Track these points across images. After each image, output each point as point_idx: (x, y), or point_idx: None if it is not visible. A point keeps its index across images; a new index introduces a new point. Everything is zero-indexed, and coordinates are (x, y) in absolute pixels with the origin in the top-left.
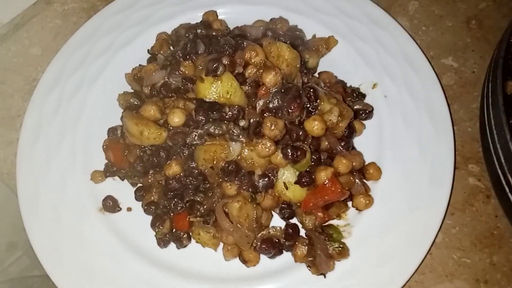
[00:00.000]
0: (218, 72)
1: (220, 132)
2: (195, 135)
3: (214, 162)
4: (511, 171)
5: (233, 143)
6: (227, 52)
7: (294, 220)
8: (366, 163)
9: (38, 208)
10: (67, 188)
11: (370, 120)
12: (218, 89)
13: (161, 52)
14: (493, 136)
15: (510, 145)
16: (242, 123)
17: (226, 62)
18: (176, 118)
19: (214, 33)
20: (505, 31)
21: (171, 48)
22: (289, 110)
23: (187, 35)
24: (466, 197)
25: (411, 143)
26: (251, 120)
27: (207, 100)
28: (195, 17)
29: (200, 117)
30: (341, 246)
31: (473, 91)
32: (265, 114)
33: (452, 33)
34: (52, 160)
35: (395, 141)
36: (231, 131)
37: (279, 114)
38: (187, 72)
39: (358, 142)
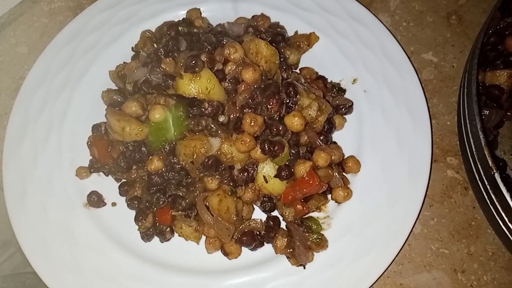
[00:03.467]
0: (197, 69)
1: (200, 127)
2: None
3: (194, 157)
4: (481, 161)
5: (213, 138)
6: (206, 49)
7: (275, 213)
8: (346, 156)
9: (25, 205)
10: (54, 184)
11: (350, 114)
12: (197, 85)
13: (145, 49)
14: (467, 126)
15: (480, 134)
16: (222, 118)
17: (205, 59)
18: (157, 114)
19: (195, 30)
20: (484, 23)
21: (155, 45)
22: (268, 106)
23: (168, 32)
24: (445, 189)
25: (390, 136)
26: (231, 116)
27: (187, 96)
28: (180, 15)
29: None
30: (320, 237)
31: (452, 85)
32: (245, 110)
33: (432, 28)
34: (38, 157)
35: (375, 135)
36: (209, 127)
37: (259, 110)
38: (168, 69)
39: (338, 136)
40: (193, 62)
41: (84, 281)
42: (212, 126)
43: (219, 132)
